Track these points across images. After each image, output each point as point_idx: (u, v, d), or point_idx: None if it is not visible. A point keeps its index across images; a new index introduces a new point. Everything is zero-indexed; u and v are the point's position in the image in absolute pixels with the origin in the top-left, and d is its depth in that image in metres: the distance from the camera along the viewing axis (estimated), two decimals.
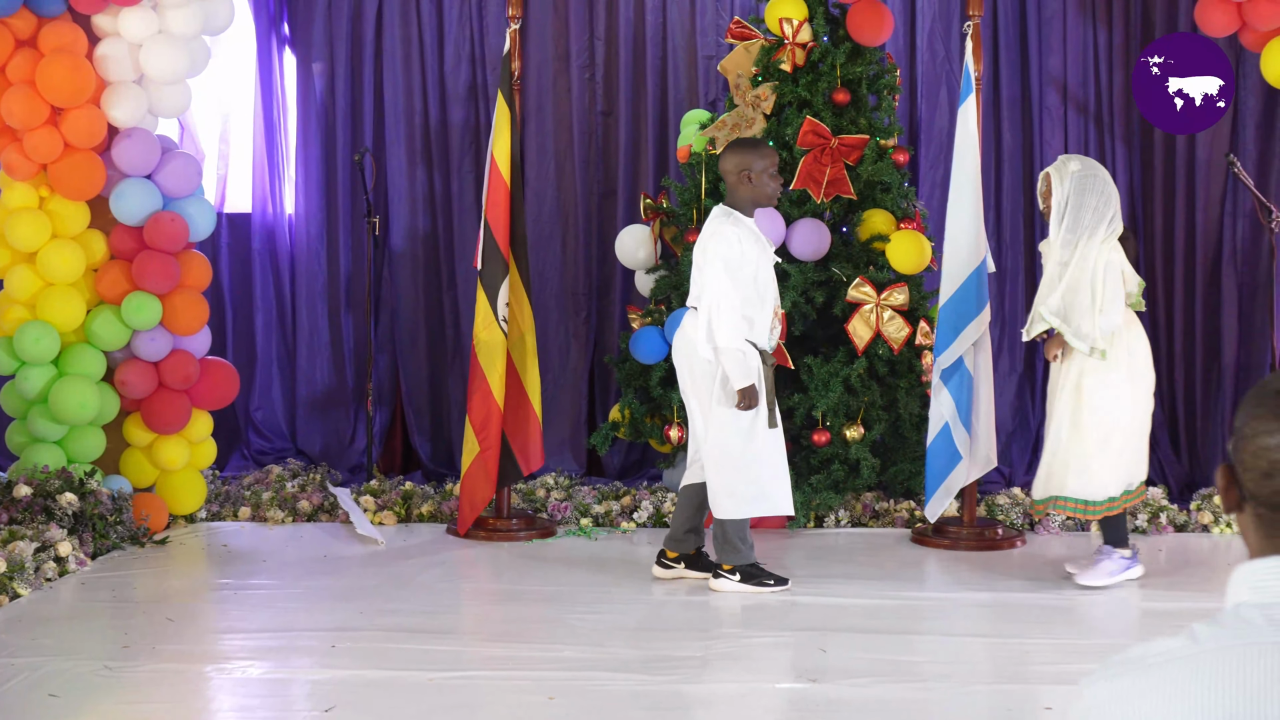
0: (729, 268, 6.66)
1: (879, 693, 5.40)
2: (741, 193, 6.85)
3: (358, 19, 9.63)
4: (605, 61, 9.61)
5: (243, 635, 6.18)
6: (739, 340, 6.66)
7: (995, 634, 6.32)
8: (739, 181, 6.83)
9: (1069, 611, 6.63)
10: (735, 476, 6.77)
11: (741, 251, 6.69)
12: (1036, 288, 9.44)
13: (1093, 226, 6.91)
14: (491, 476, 7.90)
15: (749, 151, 6.85)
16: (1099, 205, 6.92)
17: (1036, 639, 6.14)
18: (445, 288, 9.67)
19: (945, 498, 7.76)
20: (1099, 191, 6.94)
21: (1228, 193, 9.27)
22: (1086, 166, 7.01)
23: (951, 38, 9.41)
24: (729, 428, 6.74)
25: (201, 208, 8.19)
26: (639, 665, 5.69)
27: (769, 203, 6.94)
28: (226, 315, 9.72)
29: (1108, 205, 6.93)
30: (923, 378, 8.22)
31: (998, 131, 9.46)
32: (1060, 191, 6.95)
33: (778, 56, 8.44)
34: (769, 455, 6.83)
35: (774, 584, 6.90)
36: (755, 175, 6.81)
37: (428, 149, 9.65)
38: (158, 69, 7.85)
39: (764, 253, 6.84)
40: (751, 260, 6.73)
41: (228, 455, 9.53)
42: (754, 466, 6.78)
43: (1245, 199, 9.14)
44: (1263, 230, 8.93)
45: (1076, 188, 6.93)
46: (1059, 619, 6.50)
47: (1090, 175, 6.97)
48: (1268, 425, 1.89)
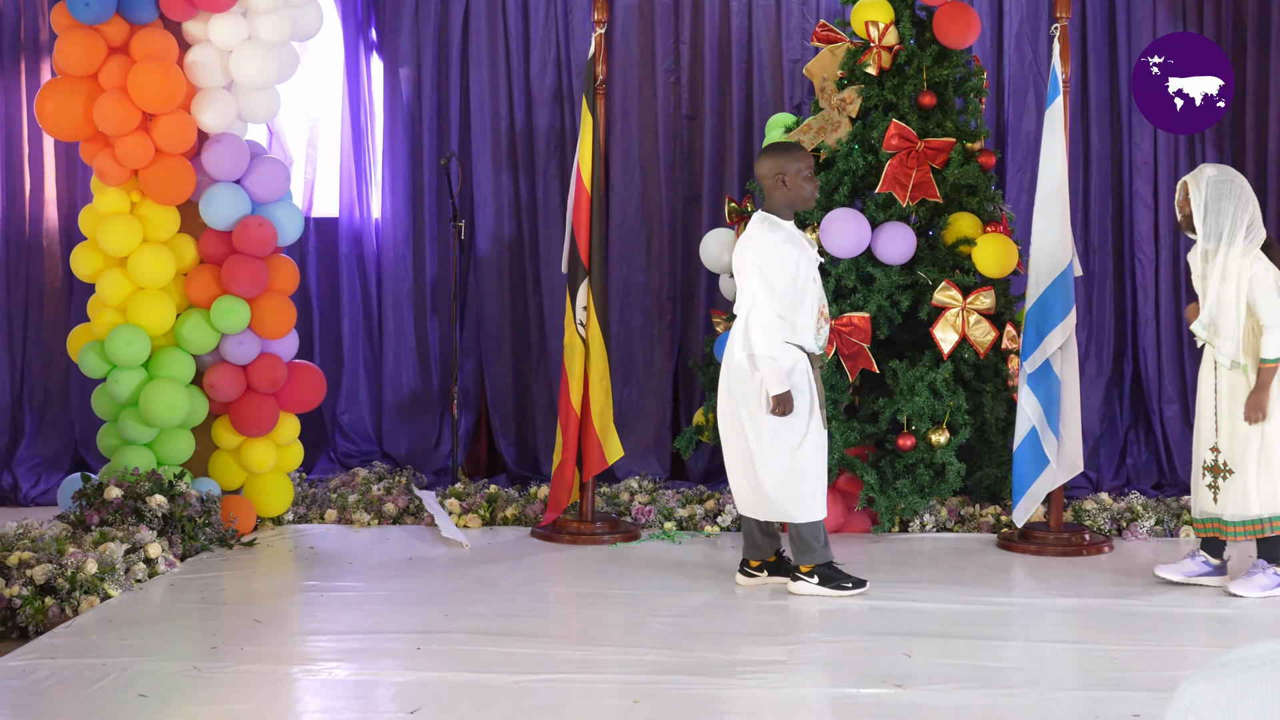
0: (764, 274, 6.66)
1: (963, 698, 5.36)
2: (778, 196, 6.85)
3: (444, 24, 9.68)
4: (690, 66, 9.61)
5: (329, 637, 6.22)
6: (774, 347, 6.64)
7: (1081, 640, 6.26)
8: (775, 185, 6.84)
9: (1157, 618, 6.55)
10: (799, 479, 6.75)
11: (779, 256, 6.68)
12: (1124, 291, 9.43)
13: (1231, 234, 6.82)
14: (570, 480, 7.95)
15: (783, 155, 6.86)
16: (1237, 211, 6.82)
17: (1123, 645, 6.08)
18: (530, 292, 9.70)
19: (1032, 503, 7.72)
20: (1235, 197, 6.84)
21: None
22: (1223, 172, 6.94)
23: (1039, 40, 9.34)
24: (784, 434, 6.72)
25: (289, 212, 8.25)
26: (722, 669, 5.68)
27: (806, 205, 6.92)
28: (314, 319, 9.80)
29: (1245, 211, 6.83)
30: (1009, 382, 8.16)
31: (1086, 135, 9.39)
32: (1199, 197, 6.86)
33: (863, 59, 8.41)
34: (819, 458, 6.83)
35: (852, 586, 6.88)
36: (790, 178, 6.81)
37: (513, 153, 9.68)
38: (247, 75, 7.92)
39: (804, 254, 6.81)
40: (790, 263, 6.72)
41: (314, 458, 9.60)
42: (813, 468, 6.77)
43: None
44: None
45: (1214, 193, 6.85)
46: (1146, 625, 6.43)
47: (1227, 181, 6.88)
48: None
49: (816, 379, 6.80)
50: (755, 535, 7.04)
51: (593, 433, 7.99)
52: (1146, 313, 9.39)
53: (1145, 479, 9.34)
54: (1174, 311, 9.38)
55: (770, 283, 6.67)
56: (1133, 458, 9.45)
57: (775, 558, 7.09)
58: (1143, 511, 8.36)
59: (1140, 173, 9.36)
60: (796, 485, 6.76)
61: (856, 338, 8.02)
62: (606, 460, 8.05)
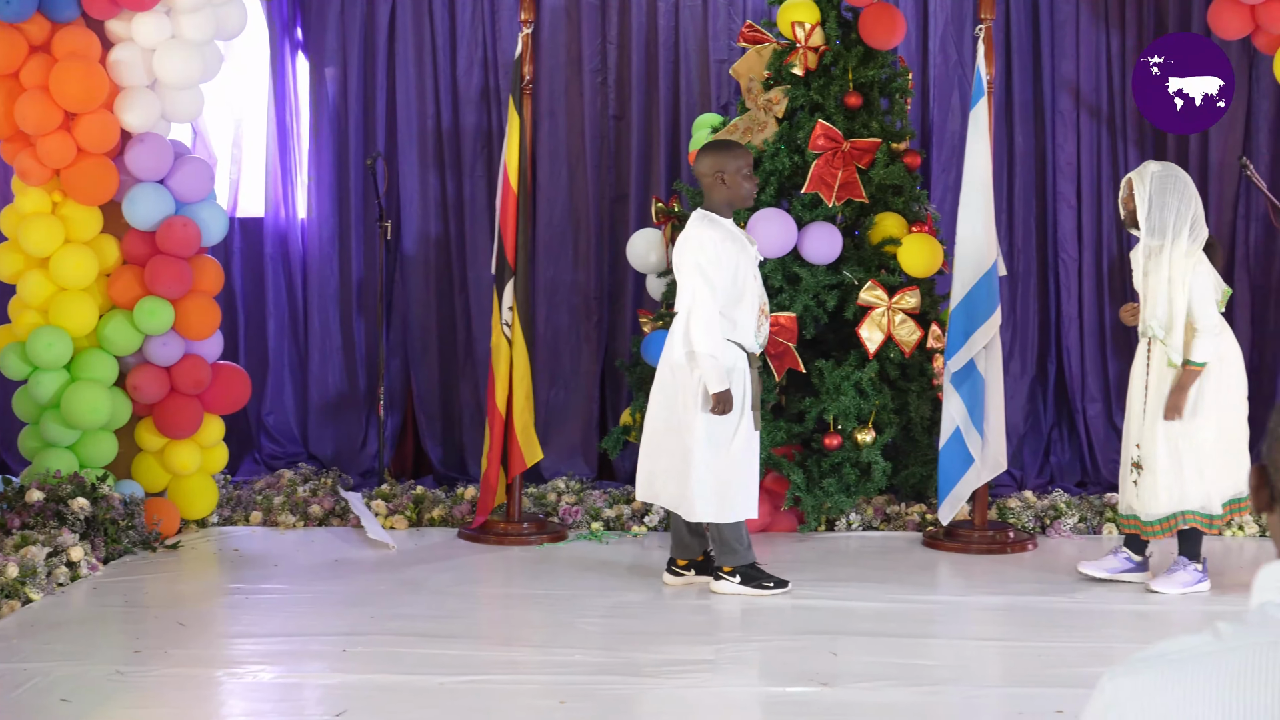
0: (704, 271, 6.66)
1: (889, 696, 5.39)
2: (717, 194, 6.86)
3: (370, 24, 9.65)
4: (617, 66, 9.62)
5: (254, 640, 6.18)
6: (715, 345, 6.65)
7: (1006, 637, 6.32)
8: (714, 183, 6.85)
9: (1080, 615, 6.62)
10: (721, 480, 6.76)
11: (718, 254, 6.69)
12: (1048, 291, 9.50)
13: (1176, 230, 6.85)
14: (494, 482, 7.95)
15: (723, 153, 6.87)
16: (1181, 207, 6.86)
17: (1047, 642, 6.13)
18: (457, 292, 9.67)
19: (957, 501, 7.78)
20: (1180, 193, 6.88)
21: (1240, 195, 9.26)
22: (1167, 169, 6.97)
23: (964, 41, 9.40)
24: (712, 431, 6.73)
25: (214, 212, 8.20)
26: (649, 669, 5.69)
27: (745, 203, 6.94)
28: (239, 320, 9.74)
29: (1188, 208, 6.88)
30: (934, 381, 8.21)
31: (1010, 135, 9.46)
32: (1143, 192, 6.90)
33: (790, 60, 8.44)
34: (749, 459, 6.84)
35: (774, 586, 6.90)
36: (729, 176, 6.82)
37: (440, 153, 9.66)
38: (171, 74, 7.86)
39: (743, 252, 6.82)
40: (730, 260, 6.73)
41: (239, 460, 9.54)
42: (733, 470, 6.78)
43: (1258, 202, 9.13)
44: (1275, 233, 8.93)
45: (1158, 188, 6.88)
46: (1070, 622, 6.49)
47: (1172, 177, 6.92)
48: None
49: (754, 379, 6.82)
50: (683, 534, 7.05)
51: (514, 434, 7.98)
52: (1070, 312, 9.47)
53: (1069, 477, 9.41)
54: (1097, 310, 9.47)
55: (710, 280, 6.67)
56: (1056, 456, 9.52)
57: (703, 557, 7.10)
58: (1066, 509, 8.44)
59: (1064, 173, 9.44)
60: (722, 485, 6.77)
61: (783, 337, 8.05)
62: (526, 462, 8.04)
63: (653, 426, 6.94)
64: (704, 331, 6.64)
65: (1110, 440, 9.38)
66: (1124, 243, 9.37)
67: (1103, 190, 9.44)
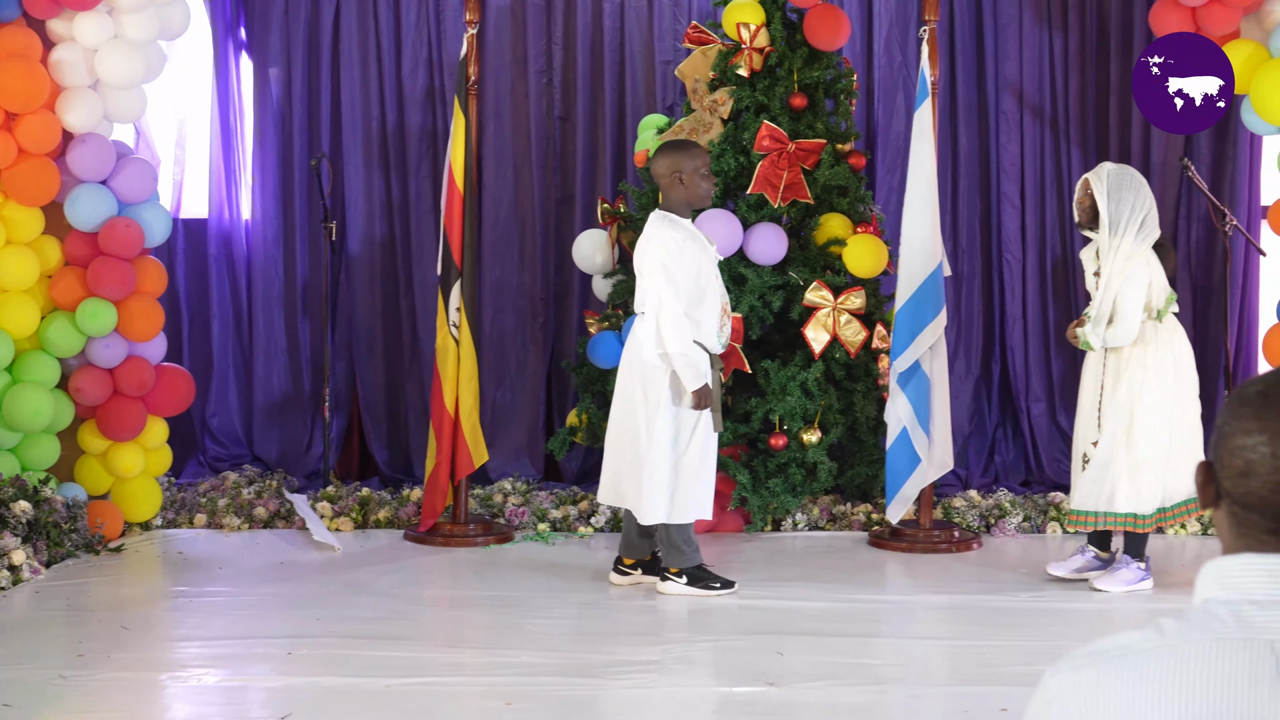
0: (668, 272, 6.66)
1: (835, 696, 5.41)
2: (675, 195, 6.86)
3: (315, 24, 9.61)
4: (563, 67, 9.61)
5: (198, 643, 6.15)
6: (686, 344, 6.66)
7: (951, 636, 6.35)
8: (672, 184, 6.84)
9: (1025, 613, 6.65)
10: (676, 481, 6.77)
11: (681, 254, 6.69)
12: (992, 291, 9.55)
13: (1127, 226, 6.91)
14: (444, 483, 7.92)
15: (680, 153, 6.86)
16: (1135, 204, 6.92)
17: (992, 640, 6.16)
18: (403, 293, 9.65)
19: (905, 501, 7.80)
20: (1135, 191, 6.95)
21: (1182, 196, 9.33)
22: (1123, 169, 7.07)
23: (908, 43, 9.44)
24: (670, 433, 6.74)
25: (157, 213, 8.15)
26: (596, 670, 5.69)
27: (703, 203, 6.94)
28: (182, 321, 9.68)
29: (1141, 207, 6.94)
30: (879, 381, 8.24)
31: (954, 136, 9.50)
32: (1100, 188, 6.95)
33: (735, 61, 8.45)
34: (708, 460, 6.85)
35: (720, 586, 6.91)
36: (687, 176, 6.82)
37: (385, 154, 9.63)
38: (113, 74, 7.81)
39: (704, 252, 6.83)
40: (692, 261, 6.73)
41: (184, 462, 9.48)
42: (691, 471, 6.79)
43: (1199, 202, 9.21)
44: (1217, 233, 9.00)
45: (1114, 184, 6.95)
46: (1014, 620, 6.52)
47: (1128, 175, 7.01)
48: (1245, 425, 1.92)
49: (715, 380, 6.83)
50: (633, 534, 7.05)
51: (462, 435, 7.96)
52: (1014, 312, 9.51)
53: (1013, 476, 9.46)
54: (1041, 310, 9.51)
55: (675, 280, 6.67)
56: (1001, 455, 9.57)
57: (650, 557, 7.10)
58: (1011, 508, 8.48)
59: (1007, 174, 9.48)
60: (676, 486, 6.77)
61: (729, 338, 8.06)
62: (474, 464, 8.02)
63: (615, 429, 6.94)
64: (674, 331, 6.65)
65: (1054, 439, 9.43)
66: (1068, 243, 9.43)
67: (1046, 191, 9.49)
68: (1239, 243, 9.02)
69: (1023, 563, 7.64)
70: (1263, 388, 1.94)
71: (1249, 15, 7.98)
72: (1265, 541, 1.92)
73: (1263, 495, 1.90)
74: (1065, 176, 9.43)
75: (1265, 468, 1.90)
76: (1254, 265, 9.29)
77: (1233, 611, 1.87)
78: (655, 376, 6.75)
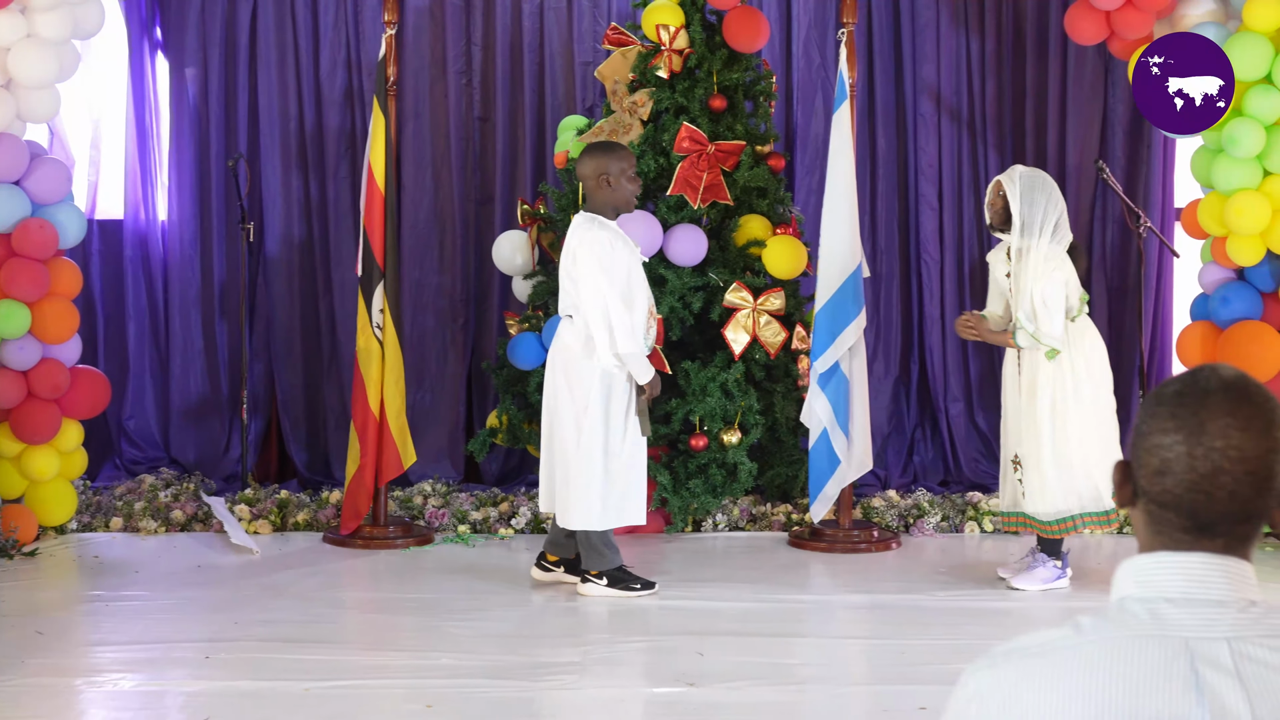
0: (606, 273, 6.65)
1: (756, 695, 5.42)
2: (601, 197, 6.85)
3: (231, 24, 9.54)
4: (482, 67, 9.59)
5: (115, 648, 6.09)
6: (638, 344, 6.67)
7: (871, 635, 6.38)
8: (598, 186, 6.83)
9: (943, 612, 6.69)
10: (607, 486, 6.77)
11: (612, 255, 6.69)
12: (910, 292, 9.61)
13: (1041, 229, 6.96)
14: (370, 484, 7.88)
15: (606, 155, 6.85)
16: (1047, 208, 6.97)
17: (911, 640, 6.20)
18: (321, 295, 9.59)
19: (828, 501, 7.83)
20: (1047, 194, 6.99)
21: (1097, 198, 9.43)
22: (1035, 172, 7.11)
23: (827, 45, 9.48)
24: (600, 438, 6.74)
25: (71, 214, 8.07)
26: (517, 672, 5.68)
27: (628, 207, 6.94)
28: (98, 323, 9.59)
29: (1053, 209, 6.98)
30: (799, 382, 8.27)
31: (872, 138, 9.55)
32: (1013, 191, 6.98)
33: (654, 63, 8.46)
34: (637, 464, 6.86)
35: (641, 587, 6.91)
36: (614, 179, 6.81)
37: (303, 155, 9.57)
38: (25, 73, 7.72)
39: (633, 254, 6.84)
40: (624, 263, 6.74)
41: (99, 465, 9.39)
42: (623, 476, 6.79)
43: (1114, 204, 9.30)
44: (1131, 235, 9.09)
45: (1027, 186, 6.98)
46: (933, 620, 6.56)
47: (1041, 178, 7.05)
48: (1162, 425, 1.95)
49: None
50: (560, 533, 7.04)
51: (390, 438, 7.92)
52: (932, 313, 9.57)
53: (932, 476, 9.52)
54: (958, 311, 9.54)
55: (613, 280, 6.67)
56: (919, 455, 9.62)
57: (574, 557, 7.09)
58: (929, 508, 8.54)
59: (925, 175, 9.54)
60: (607, 492, 6.76)
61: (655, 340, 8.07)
62: (403, 465, 7.99)
63: (547, 435, 6.93)
64: (625, 332, 6.65)
65: (972, 439, 9.51)
66: (985, 244, 9.50)
67: (963, 192, 9.56)
68: (1153, 244, 9.12)
69: (941, 562, 7.69)
70: (1179, 388, 1.97)
71: (1162, 19, 8.08)
72: (1180, 540, 1.95)
73: (1178, 494, 1.93)
74: (982, 178, 9.50)
75: (1181, 466, 1.92)
76: (1168, 266, 9.40)
77: (1148, 609, 1.90)
78: (581, 380, 6.73)
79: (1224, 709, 1.82)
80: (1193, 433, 1.92)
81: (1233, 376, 1.97)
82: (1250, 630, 1.88)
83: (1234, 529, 1.94)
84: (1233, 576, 1.93)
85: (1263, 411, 1.93)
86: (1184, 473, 1.92)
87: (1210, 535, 1.94)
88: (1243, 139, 7.62)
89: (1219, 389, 1.94)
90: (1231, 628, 1.88)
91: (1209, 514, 1.92)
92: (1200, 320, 8.24)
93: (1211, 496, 1.92)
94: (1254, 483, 1.92)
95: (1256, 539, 1.97)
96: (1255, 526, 1.95)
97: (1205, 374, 1.97)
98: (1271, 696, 1.83)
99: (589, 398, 6.72)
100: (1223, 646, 1.86)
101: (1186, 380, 1.98)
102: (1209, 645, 1.86)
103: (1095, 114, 9.44)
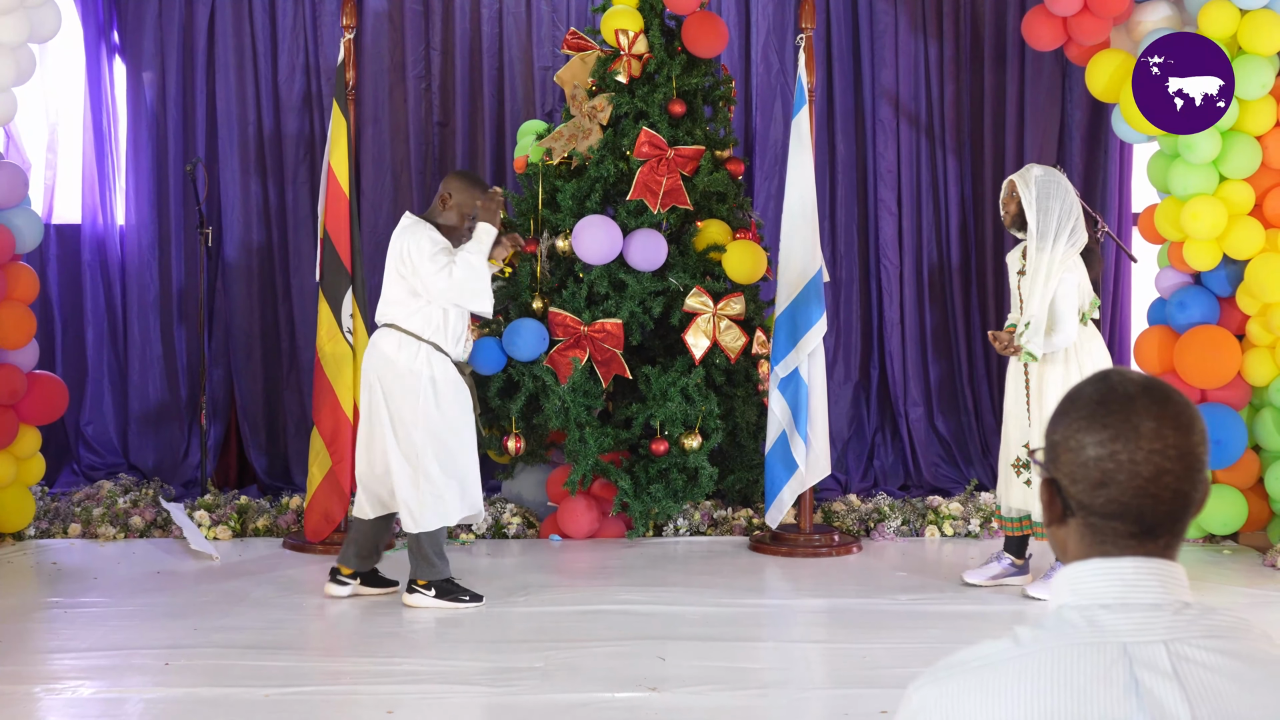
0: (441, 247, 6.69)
1: (717, 700, 5.43)
2: (442, 218, 6.88)
3: (189, 27, 9.51)
4: (441, 72, 9.58)
5: (73, 655, 6.06)
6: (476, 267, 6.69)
7: (832, 639, 6.39)
8: (449, 209, 6.87)
9: (903, 616, 6.71)
10: (440, 486, 6.72)
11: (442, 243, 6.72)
12: (870, 297, 9.64)
13: (1057, 234, 6.96)
14: (345, 489, 7.81)
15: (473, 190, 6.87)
16: (1062, 212, 6.96)
17: (872, 644, 6.21)
18: (280, 300, 9.57)
19: (784, 506, 7.84)
20: (1061, 198, 6.98)
21: None
22: (1049, 173, 7.08)
23: (786, 50, 9.51)
24: (428, 439, 6.70)
25: (28, 219, 8.04)
26: (479, 677, 5.68)
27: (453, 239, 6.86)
28: (55, 328, 9.54)
29: (1069, 214, 6.98)
30: (759, 386, 8.29)
31: (831, 143, 9.58)
32: (1028, 195, 6.99)
33: (614, 68, 8.47)
34: (452, 466, 6.81)
35: (469, 599, 6.86)
36: (462, 211, 6.87)
37: (261, 159, 9.55)
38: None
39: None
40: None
41: (57, 471, 9.34)
42: (454, 473, 6.77)
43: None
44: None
45: (1042, 191, 6.98)
46: (893, 623, 6.58)
47: (1055, 181, 7.03)
48: (1094, 435, 1.95)
49: (468, 384, 6.83)
50: (367, 544, 7.00)
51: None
52: (892, 317, 9.61)
53: (892, 480, 9.55)
54: (918, 315, 9.62)
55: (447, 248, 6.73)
56: (880, 460, 9.65)
57: (371, 570, 7.07)
58: (890, 512, 8.57)
59: (884, 180, 9.58)
60: (436, 488, 6.72)
61: (609, 344, 8.07)
62: None
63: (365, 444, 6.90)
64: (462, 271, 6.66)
65: (932, 444, 9.54)
66: (944, 249, 9.55)
67: (922, 197, 9.60)
68: (1110, 249, 9.17)
69: (901, 566, 7.71)
70: (1097, 396, 1.98)
71: (1119, 25, 8.13)
72: (1128, 545, 1.96)
73: (1124, 501, 1.94)
74: (941, 183, 9.54)
75: (1124, 474, 1.93)
76: (1125, 271, 9.46)
77: (1085, 616, 1.92)
78: (394, 390, 6.70)
79: (1163, 711, 1.84)
80: (1129, 439, 1.93)
81: (1144, 377, 1.99)
82: (1186, 631, 1.90)
83: (1174, 526, 1.96)
84: (1165, 579, 1.95)
85: (1184, 406, 1.96)
86: (1128, 480, 1.93)
87: (1154, 537, 1.96)
88: (1198, 144, 7.68)
89: (1139, 392, 1.96)
90: (1168, 630, 1.90)
91: (1155, 516, 1.94)
92: (1158, 325, 8.30)
93: (1158, 499, 1.94)
94: (1190, 476, 1.94)
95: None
96: (1189, 522, 1.98)
97: (1116, 379, 1.98)
98: (1210, 697, 1.86)
99: (400, 407, 6.69)
100: (1160, 649, 1.88)
101: (1101, 389, 1.99)
102: (1146, 649, 1.88)
103: (1053, 119, 9.50)
